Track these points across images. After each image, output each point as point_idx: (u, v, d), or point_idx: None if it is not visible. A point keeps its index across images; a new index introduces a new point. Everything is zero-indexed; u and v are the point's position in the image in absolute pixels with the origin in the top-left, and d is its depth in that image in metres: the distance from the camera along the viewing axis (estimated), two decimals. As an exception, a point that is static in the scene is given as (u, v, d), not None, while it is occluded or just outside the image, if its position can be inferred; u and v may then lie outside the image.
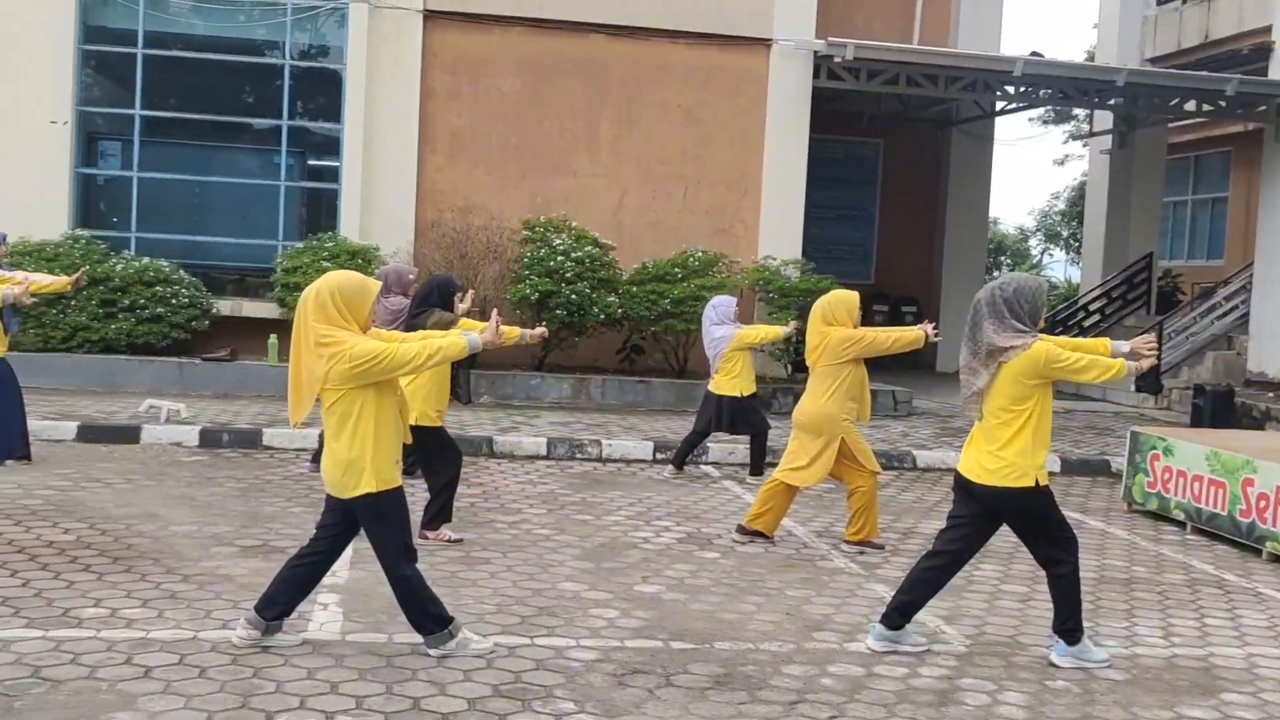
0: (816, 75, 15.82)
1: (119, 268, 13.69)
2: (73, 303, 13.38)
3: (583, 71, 15.53)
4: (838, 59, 15.55)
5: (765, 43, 15.71)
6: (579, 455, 11.07)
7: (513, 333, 7.24)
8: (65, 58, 14.41)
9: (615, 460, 11.05)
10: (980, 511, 5.60)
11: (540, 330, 8.09)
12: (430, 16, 15.09)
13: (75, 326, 13.47)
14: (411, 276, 9.44)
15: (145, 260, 14.03)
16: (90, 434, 10.61)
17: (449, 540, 7.39)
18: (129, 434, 10.67)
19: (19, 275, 9.39)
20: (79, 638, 5.30)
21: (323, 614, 5.79)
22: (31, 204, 14.11)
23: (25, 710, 4.46)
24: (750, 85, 15.77)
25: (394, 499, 5.20)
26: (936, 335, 7.87)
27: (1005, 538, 6.23)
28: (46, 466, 9.28)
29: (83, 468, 9.35)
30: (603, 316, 14.27)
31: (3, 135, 14.24)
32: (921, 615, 5.95)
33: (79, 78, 14.63)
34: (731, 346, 9.82)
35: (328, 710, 4.61)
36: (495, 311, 5.72)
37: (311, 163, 16.10)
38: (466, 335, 5.39)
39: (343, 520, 5.31)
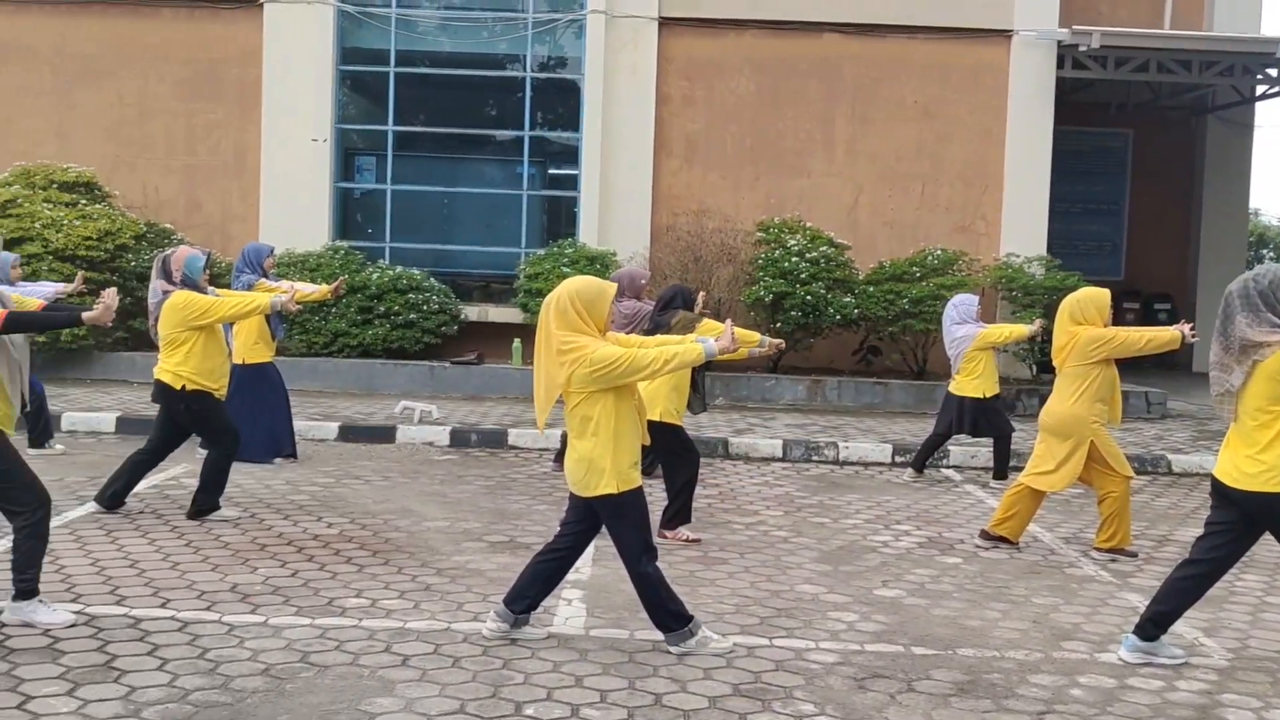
0: (1060, 65, 15.28)
1: (375, 277, 14.41)
2: (333, 310, 14.16)
3: (817, 71, 15.45)
4: (1082, 48, 14.98)
5: (1005, 34, 15.27)
6: (815, 457, 11.01)
7: (749, 338, 7.27)
8: (325, 79, 15.28)
9: (852, 463, 10.95)
10: (1240, 518, 5.29)
11: (777, 341, 8.04)
12: (665, 23, 15.31)
13: (336, 332, 14.25)
14: (644, 281, 9.59)
15: (399, 269, 14.72)
16: (350, 434, 11.22)
17: (687, 540, 7.49)
18: (385, 434, 11.23)
19: (285, 285, 10.00)
20: (342, 626, 5.62)
21: (567, 609, 5.96)
22: (297, 218, 15.05)
23: (295, 692, 4.76)
24: (990, 78, 15.36)
25: (634, 499, 5.31)
26: (1194, 335, 7.45)
27: (1270, 546, 5.88)
28: (312, 464, 9.86)
29: (344, 465, 9.90)
30: (838, 317, 14.15)
31: (274, 155, 15.23)
32: (1178, 627, 5.68)
33: (337, 97, 15.48)
34: (974, 346, 9.59)
35: (573, 703, 4.74)
36: (729, 321, 5.76)
37: (551, 171, 16.57)
38: (703, 342, 5.44)
39: (586, 518, 5.45)
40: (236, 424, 8.00)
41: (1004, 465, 9.98)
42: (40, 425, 9.86)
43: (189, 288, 7.64)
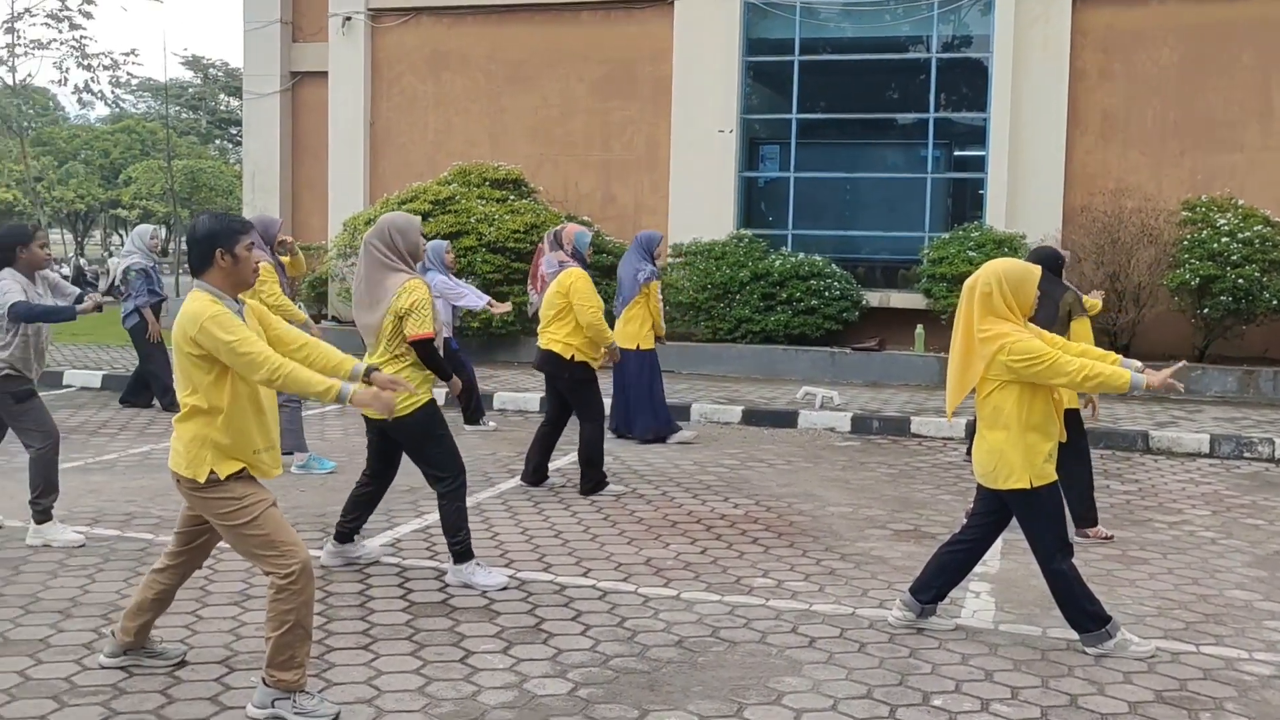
0: None
1: (777, 264, 14.63)
2: (737, 297, 14.51)
3: (1252, 37, 14.22)
4: None
5: None
6: (1247, 454, 10.18)
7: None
8: (731, 71, 15.65)
9: (1291, 461, 10.04)
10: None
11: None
12: (1080, -5, 14.61)
13: (739, 319, 14.59)
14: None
15: (800, 256, 14.87)
16: (753, 418, 11.47)
17: (1105, 538, 7.14)
18: (787, 419, 11.40)
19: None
20: (750, 604, 5.78)
21: (975, 602, 5.84)
22: (704, 207, 15.53)
23: (707, 665, 4.95)
24: None
25: (1049, 494, 5.13)
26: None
27: None
28: (717, 446, 10.17)
29: (748, 448, 10.14)
30: (1275, 303, 12.99)
31: (683, 147, 15.78)
32: None
33: (743, 89, 15.82)
34: None
35: (983, 697, 4.66)
36: (1181, 363, 5.38)
37: (957, 153, 16.20)
38: (1133, 374, 5.10)
39: (996, 510, 5.32)
40: (635, 404, 8.44)
41: None
42: (472, 404, 10.73)
43: (577, 260, 8.27)
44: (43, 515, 6.59)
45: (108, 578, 5.99)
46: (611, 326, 8.62)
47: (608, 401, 9.21)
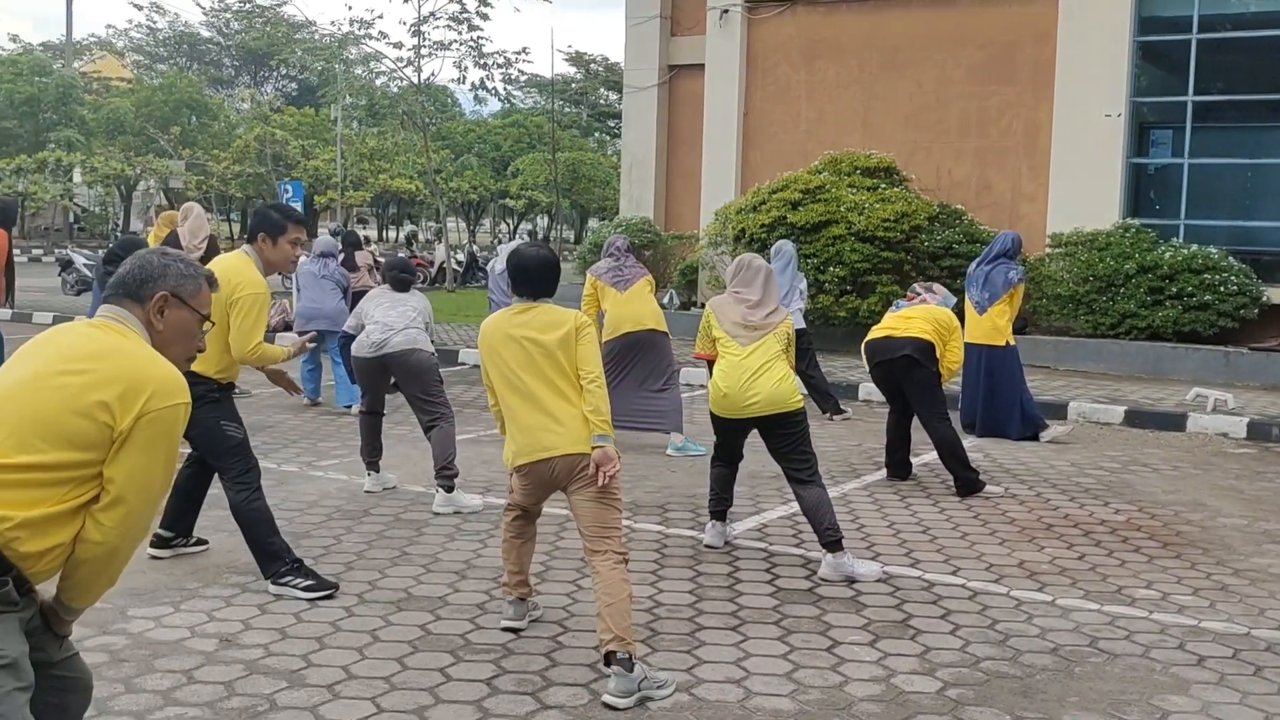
0: None
1: (1167, 256, 13.74)
2: (1121, 290, 13.74)
3: None
4: None
5: None
6: None
7: None
8: (1120, 52, 14.79)
9: None
10: None
11: None
12: None
13: (1124, 314, 13.81)
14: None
15: (1194, 247, 13.89)
16: (1137, 419, 10.85)
17: None
18: (1175, 421, 10.71)
19: None
20: (1132, 616, 5.49)
21: (1393, 632, 5.31)
22: (1087, 195, 14.78)
23: (1084, 676, 4.75)
24: None
25: None
26: None
27: None
28: (1096, 448, 9.70)
29: (1130, 451, 9.61)
30: None
31: (1065, 133, 15.08)
32: None
33: (1132, 69, 14.93)
34: None
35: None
36: None
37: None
38: None
39: None
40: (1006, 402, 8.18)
41: None
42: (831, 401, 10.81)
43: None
44: (450, 484, 7.16)
45: (499, 543, 6.42)
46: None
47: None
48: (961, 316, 8.69)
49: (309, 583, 5.50)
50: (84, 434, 2.68)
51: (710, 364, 6.46)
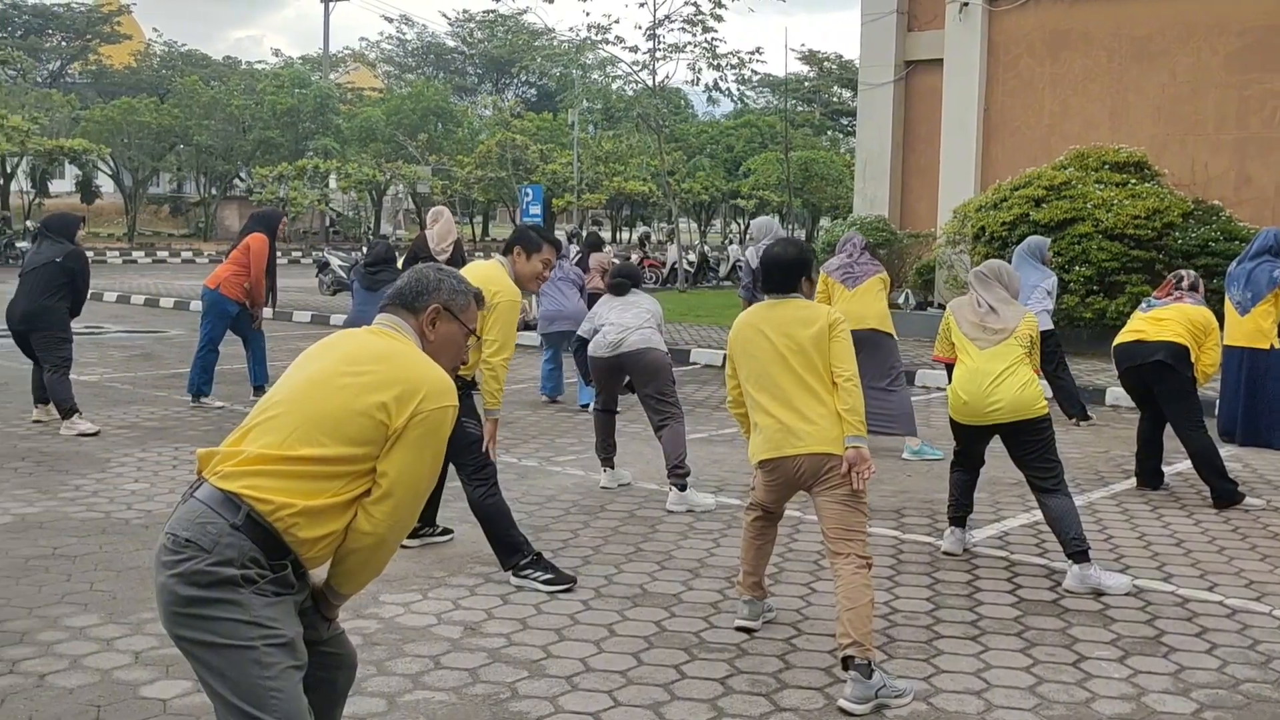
0: None
1: None
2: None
3: None
4: None
5: None
6: None
7: None
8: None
9: None
10: None
11: None
12: None
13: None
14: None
15: None
16: None
17: None
18: None
19: None
20: None
21: None
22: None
23: (1359, 705, 4.43)
24: None
25: None
26: None
27: None
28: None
29: None
30: None
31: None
32: None
33: None
34: None
35: None
36: None
37: None
38: None
39: None
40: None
41: None
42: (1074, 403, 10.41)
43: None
44: (683, 483, 7.24)
45: (730, 543, 6.45)
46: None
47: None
48: (1221, 318, 8.23)
49: (549, 576, 5.66)
50: (363, 431, 2.86)
51: (949, 367, 6.32)
